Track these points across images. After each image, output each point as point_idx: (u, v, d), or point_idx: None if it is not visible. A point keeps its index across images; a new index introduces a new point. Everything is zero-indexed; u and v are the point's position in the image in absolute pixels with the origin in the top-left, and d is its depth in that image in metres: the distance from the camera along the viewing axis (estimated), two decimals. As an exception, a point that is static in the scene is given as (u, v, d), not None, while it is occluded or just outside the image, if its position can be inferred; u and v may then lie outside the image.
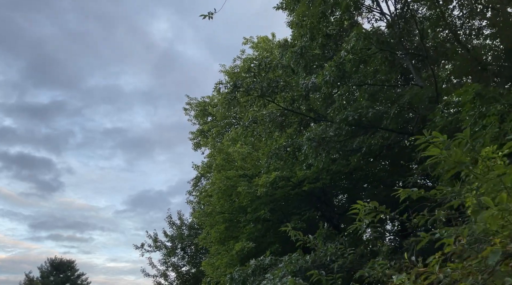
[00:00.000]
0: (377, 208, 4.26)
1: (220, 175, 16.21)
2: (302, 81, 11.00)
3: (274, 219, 15.56)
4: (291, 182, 15.55)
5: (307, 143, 9.41)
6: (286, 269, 9.60)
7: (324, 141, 9.33)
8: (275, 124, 12.58)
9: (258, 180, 14.07)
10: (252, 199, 14.87)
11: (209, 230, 16.73)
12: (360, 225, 5.29)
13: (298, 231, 5.92)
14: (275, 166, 14.12)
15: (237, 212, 15.78)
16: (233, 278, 10.21)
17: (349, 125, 10.11)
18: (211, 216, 16.01)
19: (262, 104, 11.47)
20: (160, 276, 27.48)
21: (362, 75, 12.29)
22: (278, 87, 10.67)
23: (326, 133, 9.39)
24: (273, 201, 15.13)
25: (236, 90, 10.71)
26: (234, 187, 15.80)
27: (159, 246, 26.83)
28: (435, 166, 4.32)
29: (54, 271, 58.04)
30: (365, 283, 5.90)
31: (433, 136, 3.93)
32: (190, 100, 25.08)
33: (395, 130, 11.73)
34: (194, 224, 26.99)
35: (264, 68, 11.07)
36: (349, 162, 14.57)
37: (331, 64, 11.68)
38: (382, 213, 4.29)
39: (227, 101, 10.91)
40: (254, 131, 11.59)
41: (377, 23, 15.91)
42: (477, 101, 7.25)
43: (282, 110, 11.51)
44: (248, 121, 11.05)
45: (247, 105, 11.38)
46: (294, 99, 11.59)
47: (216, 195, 16.05)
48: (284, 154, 12.32)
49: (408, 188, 4.12)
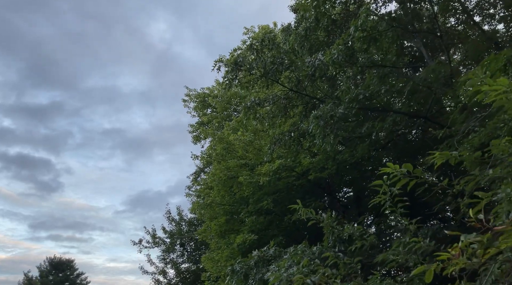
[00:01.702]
0: (411, 172, 3.49)
1: (220, 165, 15.44)
2: (308, 59, 10.20)
3: (277, 211, 14.79)
4: (295, 172, 14.78)
5: (314, 122, 8.64)
6: (292, 260, 8.84)
7: (332, 120, 8.55)
8: (278, 108, 11.80)
9: (261, 169, 13.30)
10: (254, 190, 14.10)
11: (208, 223, 15.95)
12: (384, 198, 4.51)
13: (309, 209, 5.15)
14: (278, 154, 13.35)
15: (238, 204, 15.01)
16: (234, 271, 9.44)
17: (359, 104, 9.34)
18: (211, 207, 15.23)
19: (265, 85, 10.69)
20: (158, 273, 26.71)
21: (372, 55, 11.51)
22: (282, 65, 9.88)
23: (334, 111, 8.61)
24: (276, 192, 14.36)
25: (237, 69, 9.95)
26: (235, 177, 15.03)
27: (158, 242, 26.05)
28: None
29: (53, 271, 57.35)
30: (387, 268, 5.12)
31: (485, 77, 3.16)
32: (189, 92, 24.26)
33: (407, 113, 10.95)
34: (193, 220, 26.23)
35: (268, 45, 10.29)
36: (356, 151, 13.82)
37: (339, 42, 10.90)
38: (416, 179, 3.52)
39: (227, 81, 10.14)
40: (256, 114, 10.81)
41: (385, 7, 15.15)
42: (509, 68, 6.47)
43: (287, 91, 10.73)
44: (250, 102, 10.27)
45: (249, 86, 10.61)
46: (300, 80, 10.80)
47: (216, 186, 15.27)
48: (288, 139, 11.54)
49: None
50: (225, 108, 22.20)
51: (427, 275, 2.75)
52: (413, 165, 3.57)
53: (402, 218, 4.50)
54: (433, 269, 2.74)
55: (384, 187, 4.44)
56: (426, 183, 3.45)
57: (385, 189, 4.45)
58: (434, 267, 2.75)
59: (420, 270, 2.76)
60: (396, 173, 3.51)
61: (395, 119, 11.69)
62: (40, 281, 55.50)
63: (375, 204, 4.55)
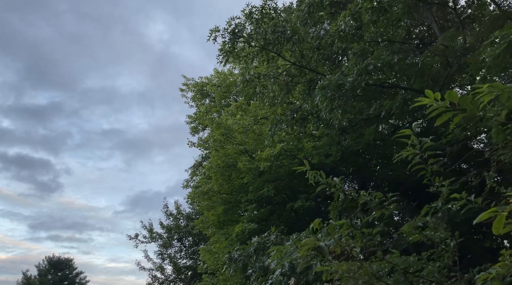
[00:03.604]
0: (455, 103, 2.63)
1: (219, 153, 14.60)
2: (312, 29, 9.36)
3: (278, 199, 13.93)
4: (297, 158, 13.94)
5: (320, 92, 7.80)
6: (295, 246, 8.02)
7: (340, 91, 7.71)
8: (280, 86, 10.95)
9: (261, 154, 12.45)
10: (254, 176, 13.24)
11: (206, 214, 15.08)
12: (412, 152, 3.65)
13: (319, 171, 4.31)
14: (280, 138, 12.50)
15: (237, 192, 14.15)
16: (232, 258, 8.60)
17: (369, 76, 8.51)
18: (208, 197, 14.37)
19: (265, 59, 9.84)
20: (156, 269, 25.85)
21: (381, 29, 10.67)
22: (284, 35, 9.03)
23: (343, 79, 7.77)
24: (277, 179, 13.49)
25: (235, 39, 9.11)
26: (234, 165, 14.18)
27: (155, 237, 25.19)
28: None
29: (52, 270, 56.52)
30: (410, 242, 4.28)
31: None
32: (187, 81, 23.38)
33: (420, 91, 10.10)
34: (192, 214, 25.38)
35: (268, 14, 9.42)
36: (363, 136, 12.99)
37: (346, 13, 10.07)
38: (463, 112, 2.67)
39: (224, 53, 9.28)
40: (256, 89, 9.96)
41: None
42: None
43: (289, 67, 9.87)
44: (249, 75, 9.44)
45: (248, 59, 9.76)
46: (303, 54, 9.95)
47: (214, 174, 14.41)
48: (291, 120, 10.70)
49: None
50: (223, 97, 21.34)
51: (498, 222, 1.91)
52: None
53: (435, 177, 3.65)
54: (506, 213, 1.90)
55: (412, 138, 3.60)
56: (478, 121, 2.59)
57: (414, 140, 3.60)
58: (509, 210, 1.92)
59: (487, 216, 1.93)
60: (437, 103, 2.66)
61: (405, 97, 10.86)
62: (39, 280, 54.68)
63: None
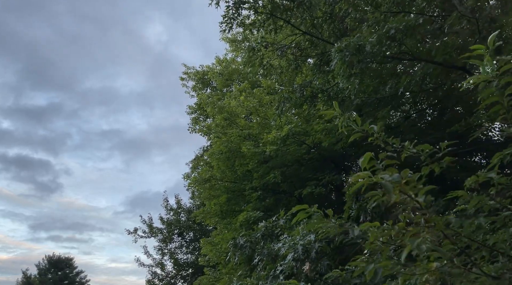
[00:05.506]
0: None
1: (221, 139, 13.69)
2: (325, -7, 8.44)
3: (285, 188, 13.02)
4: (306, 144, 13.03)
5: (337, 56, 6.90)
6: (307, 229, 7.11)
7: (360, 54, 6.81)
8: (288, 61, 10.03)
9: (267, 137, 11.54)
10: (259, 162, 12.33)
11: (208, 204, 14.16)
12: (484, 78, 2.73)
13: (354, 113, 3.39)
14: (287, 120, 11.58)
15: (240, 180, 13.23)
16: (237, 245, 7.70)
17: (390, 40, 7.60)
18: (210, 185, 13.44)
19: (273, 29, 8.94)
20: (156, 265, 24.95)
21: None
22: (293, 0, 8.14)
23: (364, 41, 6.87)
24: (283, 165, 12.58)
25: (240, 4, 8.22)
26: (237, 151, 13.27)
27: (155, 232, 24.28)
28: None
29: (52, 269, 55.71)
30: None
31: None
32: (187, 70, 22.42)
33: (443, 63, 9.18)
34: (192, 208, 24.48)
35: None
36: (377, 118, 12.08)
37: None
38: None
39: (227, 20, 8.39)
40: (263, 60, 9.05)
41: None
42: None
43: (300, 35, 8.97)
44: (255, 43, 8.54)
45: (254, 28, 8.87)
46: (314, 23, 9.04)
47: (216, 161, 13.48)
48: (300, 97, 9.80)
49: None
50: (226, 85, 20.40)
51: None
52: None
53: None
54: None
55: (486, 58, 2.70)
56: None
57: (488, 61, 2.70)
58: None
59: None
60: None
61: (426, 72, 9.93)
62: (39, 279, 53.90)
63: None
